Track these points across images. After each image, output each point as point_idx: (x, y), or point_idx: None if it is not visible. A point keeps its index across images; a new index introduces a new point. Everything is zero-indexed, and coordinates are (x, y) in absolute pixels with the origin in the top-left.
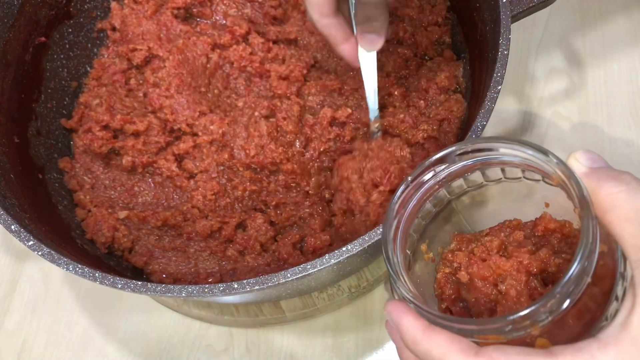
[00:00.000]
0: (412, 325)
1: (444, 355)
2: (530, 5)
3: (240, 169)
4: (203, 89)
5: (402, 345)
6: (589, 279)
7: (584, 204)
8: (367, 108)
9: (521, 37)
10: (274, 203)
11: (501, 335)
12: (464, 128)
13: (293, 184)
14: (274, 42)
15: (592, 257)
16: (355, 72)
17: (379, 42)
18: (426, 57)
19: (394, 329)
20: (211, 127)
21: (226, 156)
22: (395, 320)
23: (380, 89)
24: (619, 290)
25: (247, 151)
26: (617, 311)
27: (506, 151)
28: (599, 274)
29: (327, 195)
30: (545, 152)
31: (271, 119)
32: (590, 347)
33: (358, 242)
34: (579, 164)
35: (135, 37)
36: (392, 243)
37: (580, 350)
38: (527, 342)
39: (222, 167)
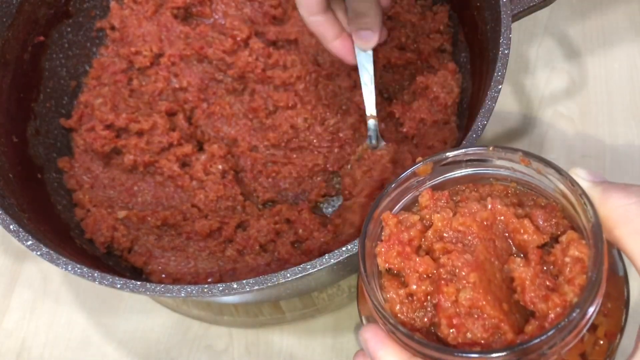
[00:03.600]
0: (393, 355)
1: None
2: (531, 4)
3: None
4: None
5: None
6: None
7: (596, 228)
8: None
9: (522, 36)
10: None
11: None
12: (465, 126)
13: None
14: (274, 42)
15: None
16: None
17: (373, 39)
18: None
19: None
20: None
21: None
22: (373, 350)
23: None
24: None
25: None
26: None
27: (502, 164)
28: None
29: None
30: (557, 169)
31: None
32: None
33: (358, 242)
34: (579, 178)
35: (136, 38)
36: (371, 258)
37: None
38: None
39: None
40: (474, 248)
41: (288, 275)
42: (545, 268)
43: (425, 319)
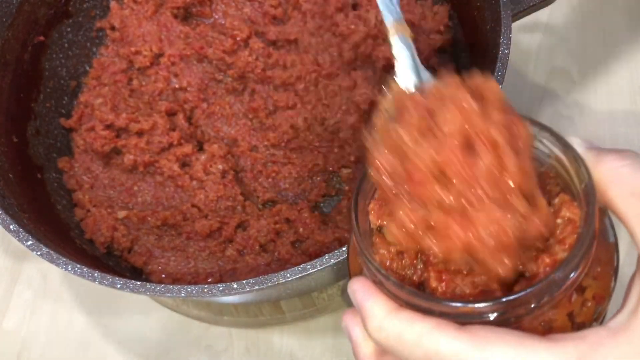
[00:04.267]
0: (380, 307)
1: (420, 336)
2: (531, 4)
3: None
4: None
5: (360, 339)
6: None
7: (589, 189)
8: None
9: (522, 36)
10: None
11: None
12: None
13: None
14: (274, 42)
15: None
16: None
17: None
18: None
19: (353, 321)
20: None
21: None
22: (360, 301)
23: None
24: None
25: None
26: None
27: None
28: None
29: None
30: (553, 132)
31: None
32: (597, 335)
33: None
34: (574, 144)
35: (136, 38)
36: (363, 215)
37: (585, 338)
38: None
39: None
40: None
41: (288, 275)
42: None
43: (415, 277)
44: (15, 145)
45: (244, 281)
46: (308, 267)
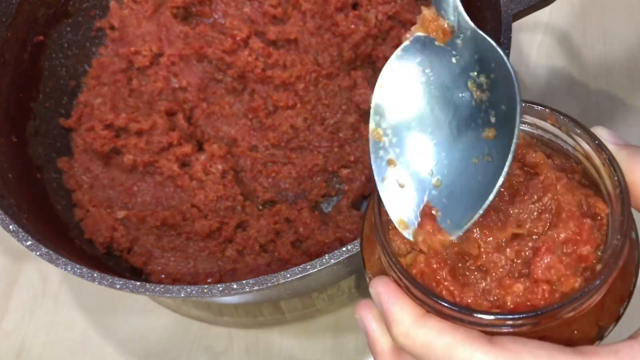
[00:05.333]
0: (408, 313)
1: (451, 347)
2: (531, 4)
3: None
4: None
5: (377, 334)
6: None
7: (624, 196)
8: None
9: (522, 35)
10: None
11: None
12: None
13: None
14: (274, 42)
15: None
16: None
17: None
18: None
19: (370, 314)
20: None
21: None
22: (386, 304)
23: None
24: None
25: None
26: None
27: (525, 119)
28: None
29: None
30: (586, 130)
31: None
32: (631, 349)
33: (358, 242)
34: (602, 139)
35: (136, 38)
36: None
37: (618, 352)
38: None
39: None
40: None
41: (288, 275)
42: None
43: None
44: (15, 145)
45: (244, 281)
46: (308, 267)
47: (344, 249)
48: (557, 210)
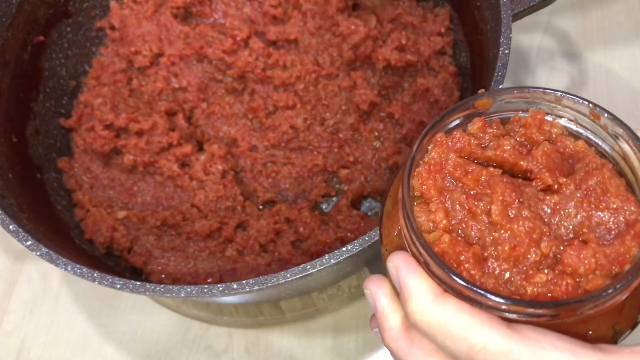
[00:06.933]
0: (426, 290)
1: (468, 329)
2: (531, 4)
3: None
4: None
5: (387, 310)
6: None
7: None
8: None
9: (522, 36)
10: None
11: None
12: None
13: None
14: (274, 42)
15: None
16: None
17: None
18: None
19: (380, 289)
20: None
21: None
22: (404, 278)
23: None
24: None
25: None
26: None
27: (565, 113)
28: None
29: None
30: (630, 131)
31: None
32: None
33: (358, 242)
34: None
35: (136, 38)
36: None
37: (639, 353)
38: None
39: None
40: None
41: (288, 275)
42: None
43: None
44: (15, 145)
45: (244, 281)
46: (308, 267)
47: (344, 249)
48: (603, 192)
